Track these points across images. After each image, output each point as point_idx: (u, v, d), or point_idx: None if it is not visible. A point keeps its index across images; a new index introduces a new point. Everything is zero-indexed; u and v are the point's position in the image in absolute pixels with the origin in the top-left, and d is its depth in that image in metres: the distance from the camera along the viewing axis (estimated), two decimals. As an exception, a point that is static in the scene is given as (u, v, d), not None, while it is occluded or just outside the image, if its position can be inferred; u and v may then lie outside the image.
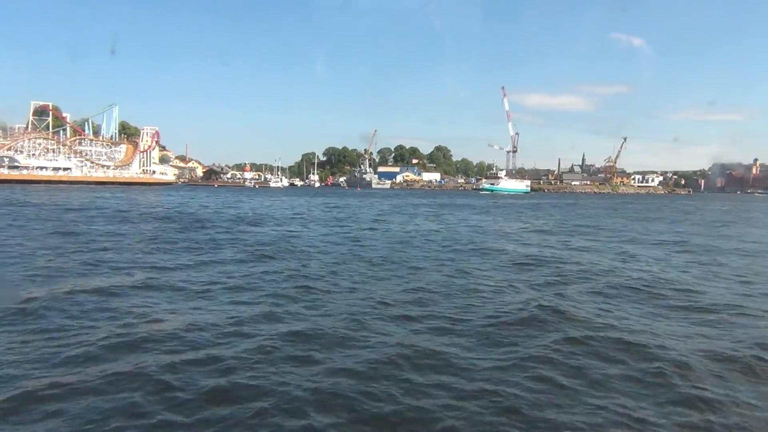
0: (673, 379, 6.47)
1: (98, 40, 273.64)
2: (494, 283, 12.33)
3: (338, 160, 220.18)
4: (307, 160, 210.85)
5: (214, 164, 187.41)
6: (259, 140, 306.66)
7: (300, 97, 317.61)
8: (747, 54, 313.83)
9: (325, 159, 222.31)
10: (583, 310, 9.84)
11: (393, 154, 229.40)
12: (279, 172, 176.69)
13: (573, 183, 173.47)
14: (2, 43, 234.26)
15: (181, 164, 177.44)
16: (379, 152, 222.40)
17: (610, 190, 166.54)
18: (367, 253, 16.75)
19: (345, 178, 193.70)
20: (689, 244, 22.18)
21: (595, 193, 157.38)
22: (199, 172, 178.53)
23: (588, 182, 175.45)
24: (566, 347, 7.52)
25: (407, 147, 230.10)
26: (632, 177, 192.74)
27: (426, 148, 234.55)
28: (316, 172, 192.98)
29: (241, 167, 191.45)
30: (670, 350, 7.44)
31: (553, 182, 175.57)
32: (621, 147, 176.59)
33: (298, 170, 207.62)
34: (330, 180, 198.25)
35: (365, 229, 26.18)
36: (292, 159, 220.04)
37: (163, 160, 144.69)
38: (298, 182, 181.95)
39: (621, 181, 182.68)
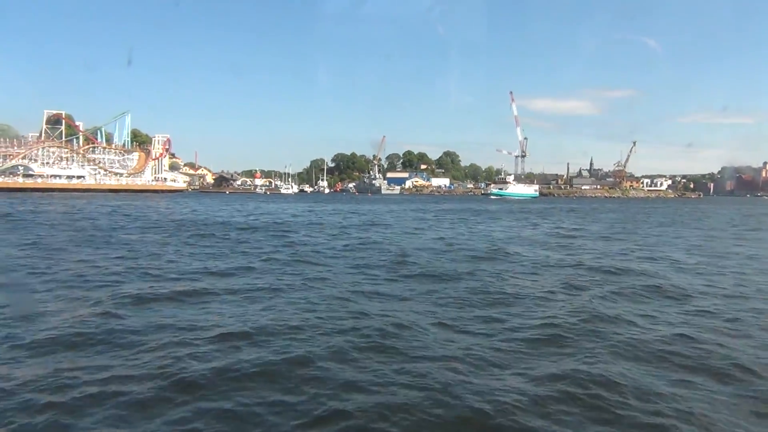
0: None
1: (109, 50, 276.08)
2: (555, 287, 12.43)
3: (346, 166, 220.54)
4: (316, 167, 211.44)
5: (223, 171, 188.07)
6: (267, 147, 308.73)
7: (307, 104, 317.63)
8: (756, 57, 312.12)
9: (333, 165, 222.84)
10: (660, 314, 9.94)
11: (401, 160, 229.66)
12: (290, 179, 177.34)
13: (583, 187, 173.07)
14: (16, 52, 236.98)
15: (191, 171, 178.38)
16: (387, 158, 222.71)
17: (620, 194, 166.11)
18: (417, 260, 16.81)
19: (354, 184, 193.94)
20: (726, 250, 22.13)
21: (605, 197, 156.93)
22: (209, 179, 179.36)
23: (598, 186, 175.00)
24: (660, 347, 7.64)
25: (415, 152, 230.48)
26: (641, 181, 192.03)
27: (433, 154, 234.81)
28: (325, 178, 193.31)
29: (250, 174, 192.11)
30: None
31: (563, 187, 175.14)
32: (630, 151, 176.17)
33: (306, 176, 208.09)
34: (339, 186, 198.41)
35: (399, 236, 26.27)
36: (300, 165, 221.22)
37: (173, 168, 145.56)
38: (308, 188, 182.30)
39: (630, 185, 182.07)
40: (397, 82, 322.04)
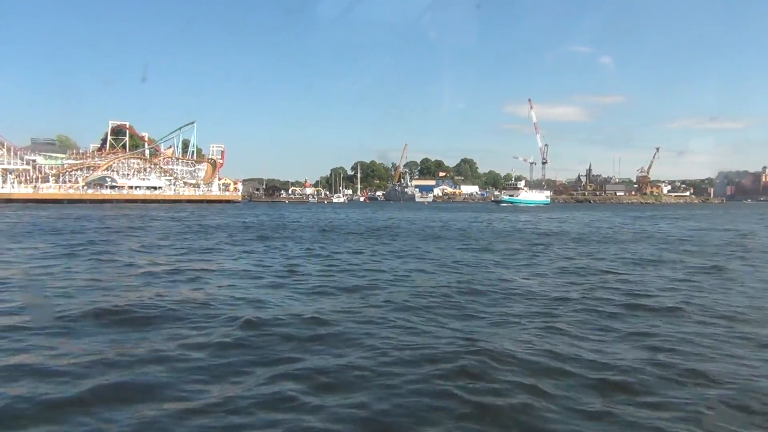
0: None
1: (127, 65, 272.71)
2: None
3: (367, 174, 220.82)
4: (336, 175, 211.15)
5: (240, 179, 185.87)
6: (278, 156, 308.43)
7: (313, 112, 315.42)
8: (743, 62, 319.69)
9: (353, 173, 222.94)
10: None
11: (419, 167, 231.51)
12: (342, 188, 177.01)
13: (618, 193, 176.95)
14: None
15: (217, 181, 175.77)
16: (405, 165, 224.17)
17: (654, 201, 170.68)
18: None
19: (383, 192, 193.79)
20: None
21: (641, 203, 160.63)
22: (231, 188, 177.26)
23: (633, 192, 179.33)
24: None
25: (432, 160, 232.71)
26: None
27: (448, 161, 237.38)
28: (358, 186, 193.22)
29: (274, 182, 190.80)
30: None
31: (597, 193, 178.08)
32: (654, 157, 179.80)
33: (327, 185, 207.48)
34: (365, 194, 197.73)
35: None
36: (316, 173, 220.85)
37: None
38: (342, 197, 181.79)
39: (651, 191, 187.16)
40: (396, 89, 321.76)
